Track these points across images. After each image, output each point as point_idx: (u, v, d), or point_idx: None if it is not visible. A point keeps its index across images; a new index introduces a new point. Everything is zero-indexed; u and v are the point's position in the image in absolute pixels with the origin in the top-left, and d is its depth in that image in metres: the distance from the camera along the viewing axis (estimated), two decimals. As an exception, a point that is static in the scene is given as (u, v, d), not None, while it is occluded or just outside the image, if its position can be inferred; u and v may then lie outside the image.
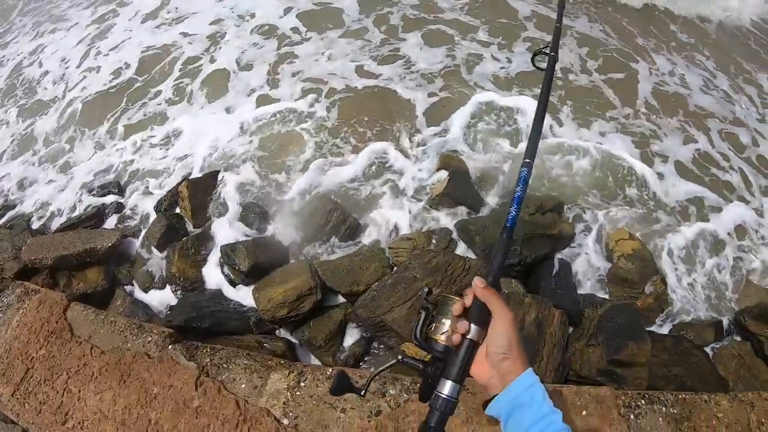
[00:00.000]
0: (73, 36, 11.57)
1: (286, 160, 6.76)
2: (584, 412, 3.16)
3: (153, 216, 6.49)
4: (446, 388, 1.35)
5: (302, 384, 3.45)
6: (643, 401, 3.23)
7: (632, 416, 3.16)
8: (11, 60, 12.03)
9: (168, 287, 5.69)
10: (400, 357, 1.43)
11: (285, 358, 4.12)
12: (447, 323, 1.41)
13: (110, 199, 6.98)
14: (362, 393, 1.43)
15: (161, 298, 5.71)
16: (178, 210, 6.38)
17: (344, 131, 6.94)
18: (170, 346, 3.83)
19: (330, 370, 3.53)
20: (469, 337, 1.38)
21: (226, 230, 5.95)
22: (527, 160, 1.65)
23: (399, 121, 6.94)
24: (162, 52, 9.52)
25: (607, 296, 5.13)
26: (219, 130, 7.40)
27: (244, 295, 5.35)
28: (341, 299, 5.09)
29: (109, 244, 5.83)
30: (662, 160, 6.42)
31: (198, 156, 7.18)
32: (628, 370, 4.18)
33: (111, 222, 6.73)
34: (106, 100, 8.96)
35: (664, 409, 3.19)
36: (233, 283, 5.43)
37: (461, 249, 5.31)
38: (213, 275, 5.61)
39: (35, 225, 7.16)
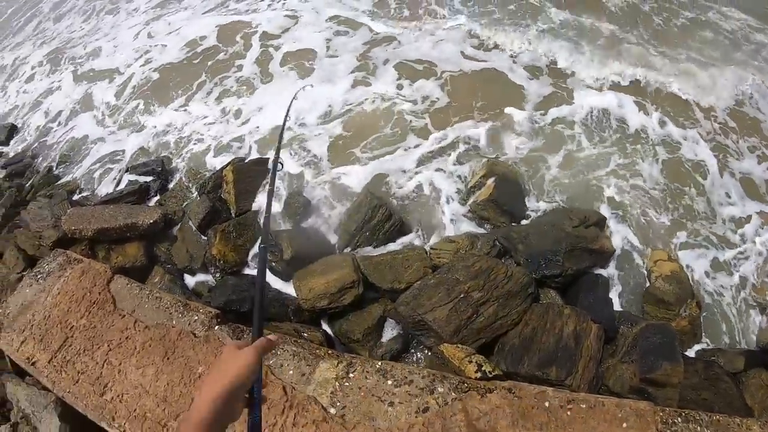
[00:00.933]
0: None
1: (343, 150, 6.83)
2: (624, 425, 3.13)
3: (196, 197, 6.53)
4: None
5: (351, 375, 3.43)
6: (679, 419, 3.20)
7: (668, 432, 3.13)
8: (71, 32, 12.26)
9: (208, 268, 5.71)
10: None
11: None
12: None
13: (153, 177, 7.01)
14: None
15: (199, 279, 5.76)
16: (222, 194, 6.38)
17: (411, 123, 7.03)
18: (216, 327, 3.83)
19: (379, 363, 3.50)
20: None
21: (267, 215, 5.89)
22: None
23: (466, 119, 6.99)
24: (238, 28, 9.72)
25: (642, 315, 5.08)
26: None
27: (283, 283, 5.36)
28: (379, 295, 5.08)
29: (150, 221, 5.86)
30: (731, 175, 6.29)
31: (255, 136, 7.34)
32: (659, 390, 4.13)
33: (153, 200, 6.79)
34: (170, 75, 9.20)
35: (699, 428, 3.16)
36: (273, 270, 5.42)
37: (503, 256, 5.28)
38: (253, 261, 5.67)
39: (75, 196, 7.20)
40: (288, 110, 4.05)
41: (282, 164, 1.99)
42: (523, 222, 5.71)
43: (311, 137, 6.97)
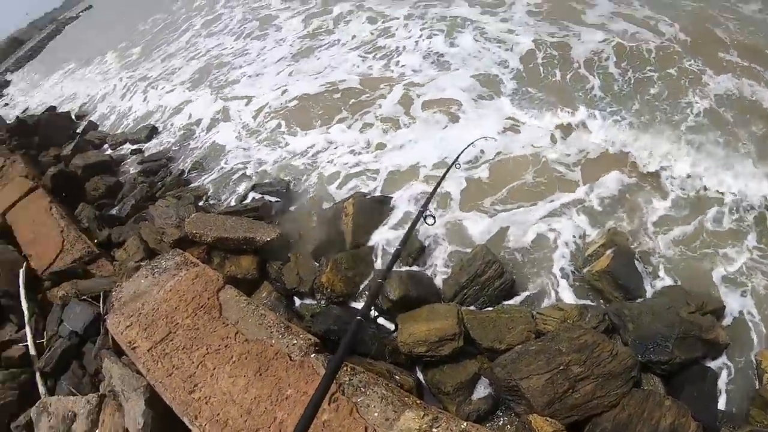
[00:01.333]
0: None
1: (477, 196, 6.83)
2: None
3: (315, 223, 6.78)
4: None
5: (434, 430, 3.38)
6: None
7: None
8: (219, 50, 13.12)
9: (314, 294, 5.88)
10: None
11: (413, 395, 4.08)
12: None
13: (277, 198, 7.31)
14: None
15: (304, 302, 5.91)
16: (340, 225, 6.55)
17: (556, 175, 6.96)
18: (313, 355, 3.89)
19: (465, 423, 3.43)
20: None
21: (382, 254, 6.11)
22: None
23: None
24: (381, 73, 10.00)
25: (747, 418, 4.69)
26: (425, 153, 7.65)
27: (385, 323, 5.44)
28: (478, 352, 5.02)
29: (268, 239, 6.09)
30: None
31: (385, 174, 7.48)
32: None
33: (273, 219, 7.08)
34: (309, 104, 9.59)
35: None
36: (378, 308, 5.51)
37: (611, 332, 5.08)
38: (360, 296, 5.80)
39: (201, 201, 7.63)
40: (458, 156, 3.91)
41: (434, 219, 1.95)
42: (638, 299, 5.43)
43: (448, 177, 7.04)
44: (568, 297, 5.57)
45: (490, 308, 5.43)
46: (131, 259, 6.53)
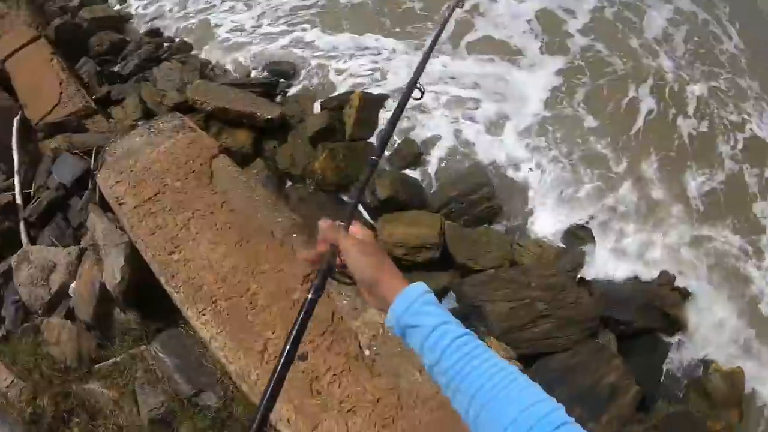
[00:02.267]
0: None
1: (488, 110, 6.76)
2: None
3: (317, 109, 6.72)
4: None
5: (398, 328, 3.48)
6: None
7: None
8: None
9: (305, 179, 5.96)
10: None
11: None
12: None
13: (284, 79, 7.22)
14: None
15: (294, 185, 6.01)
16: (345, 116, 6.51)
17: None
18: (294, 235, 3.93)
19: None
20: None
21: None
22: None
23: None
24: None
25: (683, 399, 4.94)
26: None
27: (366, 218, 5.54)
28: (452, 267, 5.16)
29: (269, 117, 6.10)
30: None
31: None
32: None
33: (276, 98, 7.06)
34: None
35: None
36: (364, 204, 5.58)
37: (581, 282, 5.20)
38: (349, 188, 5.81)
39: (207, 70, 7.50)
40: (442, 26, 3.67)
41: (422, 91, 1.77)
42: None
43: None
44: (551, 238, 5.65)
45: (471, 228, 5.51)
46: (128, 118, 6.50)
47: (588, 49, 7.80)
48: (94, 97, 7.00)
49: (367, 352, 3.35)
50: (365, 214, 5.60)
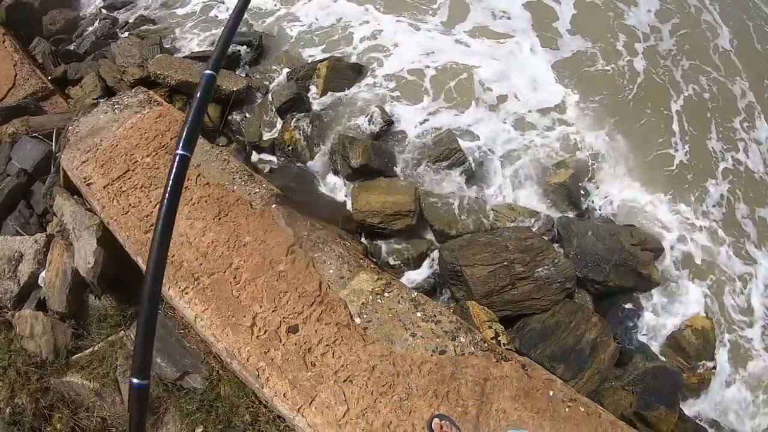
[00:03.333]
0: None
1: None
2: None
3: (284, 80, 6.56)
4: None
5: (386, 294, 3.48)
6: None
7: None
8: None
9: (274, 151, 5.85)
10: None
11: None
12: None
13: (248, 49, 7.01)
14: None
15: (262, 157, 5.87)
16: (311, 86, 6.42)
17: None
18: (274, 205, 3.87)
19: (415, 293, 3.53)
20: None
21: (349, 121, 6.00)
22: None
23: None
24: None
25: (659, 354, 5.03)
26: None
27: (340, 188, 5.48)
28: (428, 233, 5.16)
29: (234, 89, 5.98)
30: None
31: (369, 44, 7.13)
32: (647, 429, 4.22)
33: (241, 71, 6.83)
34: None
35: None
36: (336, 173, 5.55)
37: (556, 242, 5.26)
38: (320, 158, 5.74)
39: (166, 43, 7.26)
40: None
41: None
42: (586, 219, 5.62)
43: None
44: (523, 200, 5.65)
45: (446, 192, 5.47)
46: (88, 97, 6.29)
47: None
48: (50, 77, 6.75)
49: (358, 321, 3.34)
50: (343, 182, 5.54)
